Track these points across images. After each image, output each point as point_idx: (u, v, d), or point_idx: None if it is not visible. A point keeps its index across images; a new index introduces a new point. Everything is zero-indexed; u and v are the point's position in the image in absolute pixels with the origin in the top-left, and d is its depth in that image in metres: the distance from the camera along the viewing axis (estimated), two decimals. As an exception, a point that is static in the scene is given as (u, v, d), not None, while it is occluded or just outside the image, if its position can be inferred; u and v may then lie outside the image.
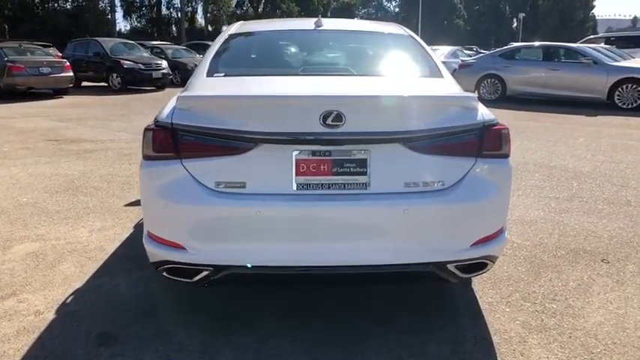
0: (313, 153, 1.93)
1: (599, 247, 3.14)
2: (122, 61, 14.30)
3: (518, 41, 33.60)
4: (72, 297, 2.51)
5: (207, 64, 2.51)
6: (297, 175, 1.93)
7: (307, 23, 3.09)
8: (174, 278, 2.12)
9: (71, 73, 13.38)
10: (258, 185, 1.94)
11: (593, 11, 76.82)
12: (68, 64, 13.41)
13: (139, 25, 38.79)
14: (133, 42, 16.84)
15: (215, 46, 2.76)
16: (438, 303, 2.47)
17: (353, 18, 53.55)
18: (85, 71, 15.06)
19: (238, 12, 40.89)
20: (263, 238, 1.95)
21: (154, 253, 2.10)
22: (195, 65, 16.33)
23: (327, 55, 2.86)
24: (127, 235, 3.35)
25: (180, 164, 1.96)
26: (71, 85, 13.65)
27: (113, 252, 3.07)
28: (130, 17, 38.47)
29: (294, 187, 1.93)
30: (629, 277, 2.73)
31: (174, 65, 16.18)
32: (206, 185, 1.94)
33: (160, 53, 17.12)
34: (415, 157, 1.96)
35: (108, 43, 15.70)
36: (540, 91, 10.54)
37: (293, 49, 2.87)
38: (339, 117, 1.86)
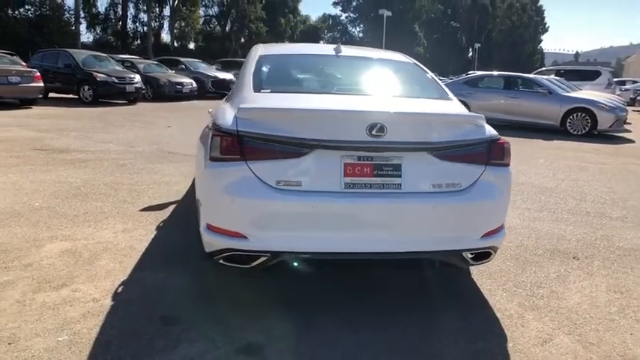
0: (359, 158, 2.33)
1: (569, 247, 3.69)
2: (95, 74, 14.23)
3: (474, 69, 35.64)
4: (122, 287, 2.75)
5: (250, 80, 2.88)
6: (344, 176, 2.32)
7: (327, 49, 3.53)
8: (231, 265, 2.44)
9: (41, 84, 13.19)
10: (311, 184, 2.32)
11: (540, 45, 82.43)
12: (38, 74, 13.23)
13: (103, 37, 38.21)
14: (104, 55, 16.75)
15: (250, 65, 3.13)
16: (447, 290, 2.89)
17: (319, 40, 54.93)
18: (52, 82, 14.84)
19: (206, 29, 41.15)
20: (315, 228, 2.32)
21: (214, 242, 2.42)
22: (169, 81, 16.47)
23: (351, 78, 3.29)
24: (152, 236, 3.59)
25: (245, 165, 2.31)
26: (40, 96, 13.47)
27: (145, 250, 3.31)
28: (94, 29, 37.92)
29: (342, 186, 2.32)
30: (596, 270, 3.27)
31: (146, 80, 16.20)
32: (268, 183, 2.30)
33: (132, 67, 17.09)
34: (438, 163, 2.40)
35: (79, 55, 15.56)
36: (502, 116, 11.45)
37: (322, 71, 3.29)
38: (381, 129, 2.29)
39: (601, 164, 7.47)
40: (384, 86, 3.18)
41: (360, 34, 56.30)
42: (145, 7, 37.26)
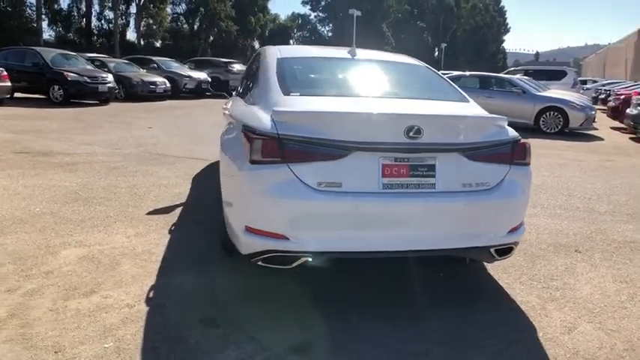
0: (396, 159, 2.41)
1: (569, 241, 3.89)
2: (66, 73, 13.75)
3: (441, 69, 36.41)
4: (152, 292, 2.74)
5: (276, 83, 2.90)
6: (382, 176, 2.40)
7: (341, 52, 3.60)
8: (271, 266, 2.48)
9: (9, 83, 12.71)
10: (351, 185, 2.38)
11: (503, 45, 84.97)
12: (5, 73, 12.70)
13: (66, 35, 36.84)
14: (73, 53, 16.20)
15: (270, 68, 3.15)
16: (470, 285, 3.02)
17: (289, 40, 54.77)
18: (19, 81, 14.22)
19: (174, 27, 40.31)
20: (355, 228, 2.39)
21: (254, 244, 2.45)
22: (142, 80, 16.10)
23: (374, 81, 3.37)
24: (167, 240, 3.56)
25: (287, 167, 2.35)
26: (8, 96, 12.95)
27: (164, 255, 3.28)
28: (56, 26, 36.47)
29: (380, 187, 2.40)
30: (599, 262, 3.48)
31: (118, 79, 15.77)
32: (309, 185, 2.35)
33: (101, 66, 16.62)
34: (468, 163, 2.52)
35: (47, 53, 14.99)
36: (478, 115, 11.78)
37: (344, 74, 3.35)
38: (418, 131, 2.38)
39: (578, 161, 7.84)
40: (407, 89, 3.28)
41: (330, 34, 56.49)
42: (110, 4, 36.18)
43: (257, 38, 46.73)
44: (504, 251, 2.67)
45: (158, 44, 40.69)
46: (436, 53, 69.95)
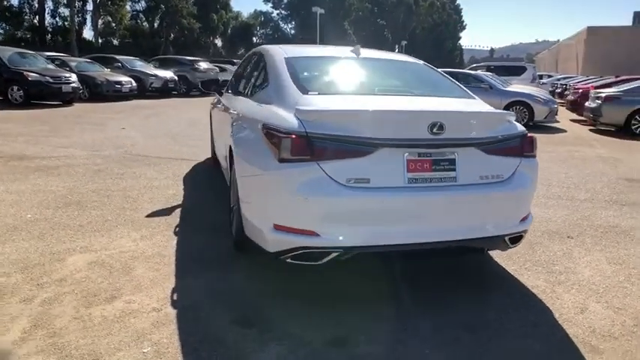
0: (419, 154, 2.50)
1: (560, 228, 4.11)
2: (26, 73, 13.15)
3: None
4: (175, 294, 2.71)
5: (291, 83, 2.93)
6: (407, 171, 2.48)
7: (345, 51, 3.66)
8: (300, 262, 2.52)
9: (-36, 85, 12.03)
10: (378, 180, 2.45)
11: (459, 42, 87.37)
12: (-41, 73, 12.03)
13: (14, 32, 35.01)
14: (31, 52, 15.47)
15: (280, 67, 3.17)
16: (482, 274, 3.16)
17: (252, 38, 54.25)
18: (-30, 82, 13.48)
19: (134, 25, 39.07)
20: (383, 222, 2.46)
21: (283, 241, 2.48)
22: (107, 80, 15.59)
23: (385, 79, 3.44)
24: (174, 242, 3.52)
25: (316, 165, 2.39)
26: (-38, 98, 12.26)
27: (176, 257, 3.25)
28: (6, 23, 34.55)
29: (406, 181, 2.48)
30: (591, 246, 3.70)
31: (81, 79, 15.20)
32: (339, 181, 2.40)
33: (62, 65, 15.97)
34: (485, 157, 2.63)
35: (4, 52, 14.20)
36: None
37: (355, 73, 3.41)
38: (441, 127, 2.47)
39: (548, 152, 8.23)
40: (417, 86, 3.37)
41: (293, 31, 56.39)
42: (65, 1, 34.64)
43: (220, 36, 46.04)
44: (516, 239, 2.81)
45: (116, 42, 39.36)
46: (397, 50, 71.10)
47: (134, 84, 16.76)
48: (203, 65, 21.31)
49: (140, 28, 39.89)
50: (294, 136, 2.41)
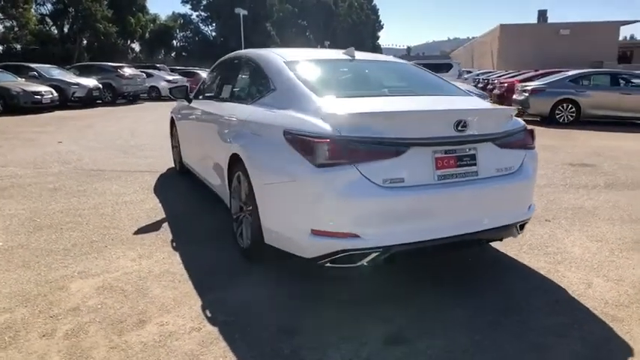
0: (446, 152, 2.62)
1: (536, 213, 4.39)
2: None
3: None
4: (207, 311, 2.61)
5: (303, 87, 2.92)
6: (436, 169, 2.59)
7: (338, 54, 3.70)
8: (339, 266, 2.54)
9: None
10: (411, 179, 2.53)
11: (378, 41, 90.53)
12: None
13: None
14: None
15: (283, 72, 3.15)
16: (489, 261, 3.35)
17: (171, 41, 52.24)
18: None
19: (41, 30, 35.92)
20: (419, 219, 2.54)
21: (323, 246, 2.49)
22: (24, 90, 14.33)
23: (389, 81, 3.51)
24: (178, 257, 3.36)
25: (354, 168, 2.42)
26: None
27: (187, 273, 3.10)
28: None
29: (436, 178, 2.58)
30: (569, 227, 4.06)
31: (-7, 90, 13.86)
32: (376, 183, 2.45)
33: (-32, 76, 14.44)
34: (498, 150, 2.81)
35: None
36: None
37: (359, 75, 3.45)
38: (465, 124, 2.60)
39: (492, 143, 8.82)
40: (421, 86, 3.47)
41: (214, 33, 55.15)
42: (-43, 4, 31.09)
43: (138, 40, 43.81)
44: (523, 226, 3.03)
45: (19, 48, 36.00)
46: (320, 51, 72.03)
47: (55, 94, 15.54)
48: (128, 71, 20.23)
49: (48, 33, 36.84)
50: (329, 141, 2.42)
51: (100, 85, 18.12)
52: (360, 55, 3.77)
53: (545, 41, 32.19)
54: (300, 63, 3.33)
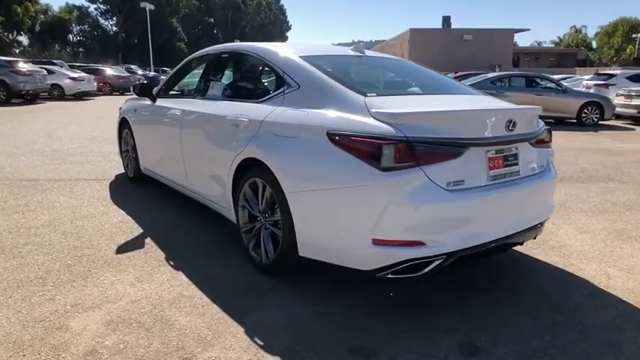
0: (496, 151, 2.56)
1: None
2: None
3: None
4: (255, 338, 2.29)
5: (338, 84, 2.69)
6: (489, 169, 2.53)
7: (346, 49, 3.50)
8: (400, 276, 2.37)
9: None
10: (470, 181, 2.44)
11: (287, 41, 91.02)
12: None
13: None
14: None
15: (308, 69, 2.88)
16: (507, 260, 3.38)
17: (67, 35, 47.59)
18: None
19: None
20: (478, 222, 2.47)
21: (386, 256, 2.31)
22: None
23: (413, 78, 3.37)
24: (183, 278, 2.95)
25: (420, 171, 2.27)
26: None
27: (205, 294, 2.72)
28: None
29: (489, 179, 2.52)
30: (553, 220, 4.26)
31: None
32: (441, 186, 2.32)
33: None
34: (533, 149, 2.84)
35: None
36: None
37: (381, 73, 3.26)
38: (514, 124, 2.57)
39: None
40: (443, 85, 3.37)
41: (115, 28, 51.28)
42: None
43: (26, 32, 39.15)
44: (544, 223, 3.10)
45: None
46: (230, 49, 70.55)
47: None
48: (26, 67, 17.93)
49: None
50: (394, 142, 2.24)
51: (-8, 82, 15.89)
52: (368, 52, 3.60)
53: (451, 45, 34.56)
54: (319, 58, 3.07)
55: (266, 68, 3.25)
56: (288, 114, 2.78)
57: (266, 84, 3.25)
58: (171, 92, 4.50)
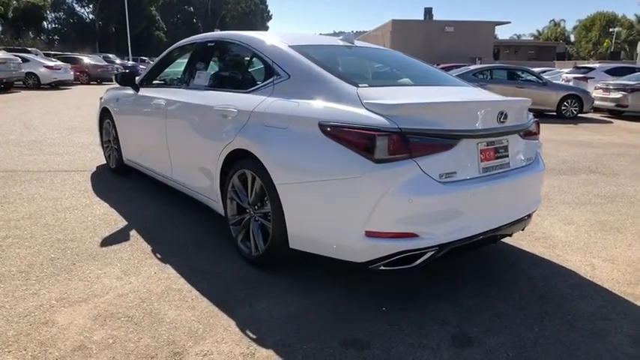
0: (488, 143, 2.57)
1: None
2: None
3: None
4: (247, 330, 2.27)
5: (331, 76, 2.65)
6: (480, 161, 2.53)
7: (335, 40, 3.45)
8: (392, 269, 2.37)
9: None
10: (461, 173, 2.44)
11: (268, 30, 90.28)
12: None
13: None
14: None
15: (298, 59, 2.84)
16: (498, 254, 3.41)
17: (42, 22, 46.13)
18: None
19: None
20: (470, 214, 2.48)
21: (379, 248, 2.31)
22: None
23: (403, 69, 3.34)
24: (172, 271, 2.90)
25: (414, 162, 2.26)
26: None
27: (194, 287, 2.68)
28: None
29: (480, 171, 2.53)
30: (540, 212, 4.29)
31: None
32: (434, 178, 2.32)
33: None
34: (522, 141, 2.86)
35: None
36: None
37: (372, 63, 3.23)
38: (506, 116, 2.58)
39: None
40: (434, 77, 3.35)
41: (91, 16, 49.92)
42: None
43: (2, 21, 37.76)
44: (532, 214, 3.14)
45: None
46: (211, 39, 69.56)
47: None
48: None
49: None
50: (388, 133, 2.22)
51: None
52: (356, 42, 3.56)
53: (432, 37, 34.68)
54: (309, 48, 3.03)
55: (254, 58, 3.19)
56: (278, 104, 2.74)
57: (254, 74, 3.19)
58: (155, 82, 4.39)
